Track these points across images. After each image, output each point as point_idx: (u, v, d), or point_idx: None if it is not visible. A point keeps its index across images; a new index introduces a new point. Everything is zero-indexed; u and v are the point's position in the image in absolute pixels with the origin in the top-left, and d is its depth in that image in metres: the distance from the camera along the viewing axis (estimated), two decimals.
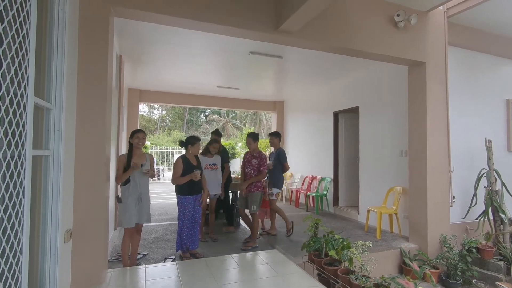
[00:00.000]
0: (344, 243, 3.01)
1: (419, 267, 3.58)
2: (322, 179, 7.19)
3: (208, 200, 4.38)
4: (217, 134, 5.04)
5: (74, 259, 2.59)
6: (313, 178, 7.61)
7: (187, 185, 3.59)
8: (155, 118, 27.41)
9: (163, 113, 27.26)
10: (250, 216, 4.32)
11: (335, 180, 6.90)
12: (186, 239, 3.59)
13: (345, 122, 6.92)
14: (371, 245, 2.76)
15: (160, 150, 18.30)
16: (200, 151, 4.43)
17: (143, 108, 25.63)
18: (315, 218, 3.46)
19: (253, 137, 4.45)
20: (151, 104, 25.64)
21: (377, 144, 5.57)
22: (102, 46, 2.75)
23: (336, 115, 6.92)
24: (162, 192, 10.01)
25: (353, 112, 6.47)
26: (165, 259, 3.65)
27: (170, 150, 18.11)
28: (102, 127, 2.74)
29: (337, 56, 4.91)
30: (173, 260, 3.55)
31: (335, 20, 3.66)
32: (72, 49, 2.49)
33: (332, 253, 2.97)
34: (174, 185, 3.71)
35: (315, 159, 7.74)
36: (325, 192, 6.92)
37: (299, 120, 8.69)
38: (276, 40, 3.56)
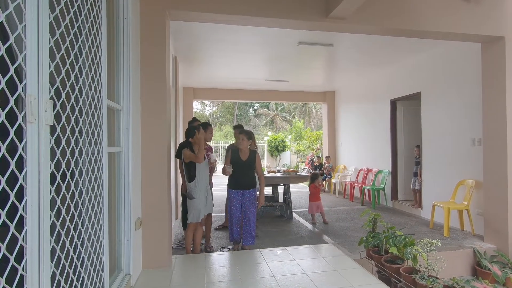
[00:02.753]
0: (407, 240, 2.81)
1: (500, 270, 3.17)
2: (379, 171, 6.77)
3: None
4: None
5: (144, 245, 2.87)
6: (369, 170, 7.21)
7: (231, 178, 3.60)
8: (207, 114, 28.68)
9: (214, 109, 28.32)
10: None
11: (394, 172, 6.44)
12: (235, 232, 3.62)
13: (404, 110, 6.39)
14: (439, 243, 2.52)
15: (213, 145, 19.16)
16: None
17: (196, 106, 26.91)
18: (373, 212, 3.28)
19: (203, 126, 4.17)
20: (203, 101, 26.85)
21: (443, 133, 5.03)
22: (160, 48, 2.94)
23: (393, 102, 6.43)
24: (219, 184, 10.46)
25: (414, 98, 5.93)
26: (222, 248, 3.83)
27: (222, 144, 18.80)
28: (163, 125, 2.95)
29: (394, 38, 4.54)
30: (229, 250, 3.71)
31: None
32: (135, 54, 2.71)
33: (393, 250, 2.79)
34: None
35: (370, 151, 7.32)
36: (383, 186, 6.51)
37: (352, 110, 8.28)
38: (327, 27, 3.41)
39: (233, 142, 4.66)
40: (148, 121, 2.90)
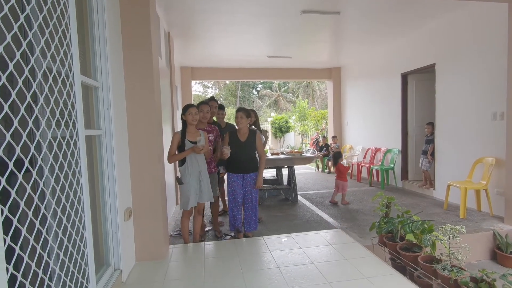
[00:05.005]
0: (425, 225, 2.55)
1: None
2: (388, 150, 6.46)
3: None
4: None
5: (137, 236, 2.65)
6: (377, 150, 6.91)
7: (230, 161, 3.30)
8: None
9: (217, 91, 27.73)
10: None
11: (404, 151, 6.13)
12: (236, 220, 3.37)
13: (416, 84, 5.98)
14: (464, 230, 2.25)
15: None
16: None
17: (198, 88, 26.37)
18: (386, 195, 3.02)
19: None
20: (205, 83, 26.30)
21: (460, 107, 4.65)
22: (144, 17, 2.58)
23: (404, 77, 6.01)
24: None
25: (427, 71, 5.51)
26: (224, 235, 3.63)
27: None
28: (152, 104, 2.64)
29: (407, 1, 4.11)
30: (231, 237, 3.50)
31: None
32: (113, 25, 2.37)
33: (409, 236, 2.55)
34: None
35: (378, 129, 6.97)
36: (392, 165, 6.22)
37: (359, 86, 7.86)
38: None
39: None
40: (134, 100, 2.59)
